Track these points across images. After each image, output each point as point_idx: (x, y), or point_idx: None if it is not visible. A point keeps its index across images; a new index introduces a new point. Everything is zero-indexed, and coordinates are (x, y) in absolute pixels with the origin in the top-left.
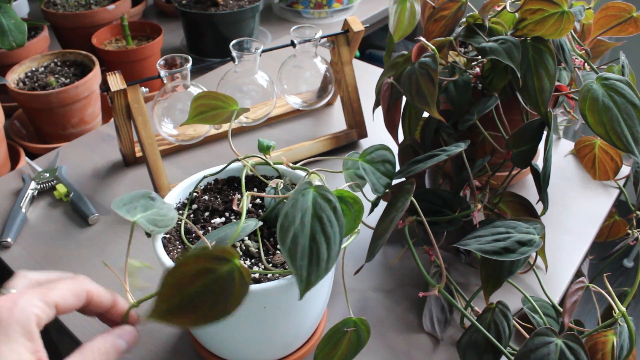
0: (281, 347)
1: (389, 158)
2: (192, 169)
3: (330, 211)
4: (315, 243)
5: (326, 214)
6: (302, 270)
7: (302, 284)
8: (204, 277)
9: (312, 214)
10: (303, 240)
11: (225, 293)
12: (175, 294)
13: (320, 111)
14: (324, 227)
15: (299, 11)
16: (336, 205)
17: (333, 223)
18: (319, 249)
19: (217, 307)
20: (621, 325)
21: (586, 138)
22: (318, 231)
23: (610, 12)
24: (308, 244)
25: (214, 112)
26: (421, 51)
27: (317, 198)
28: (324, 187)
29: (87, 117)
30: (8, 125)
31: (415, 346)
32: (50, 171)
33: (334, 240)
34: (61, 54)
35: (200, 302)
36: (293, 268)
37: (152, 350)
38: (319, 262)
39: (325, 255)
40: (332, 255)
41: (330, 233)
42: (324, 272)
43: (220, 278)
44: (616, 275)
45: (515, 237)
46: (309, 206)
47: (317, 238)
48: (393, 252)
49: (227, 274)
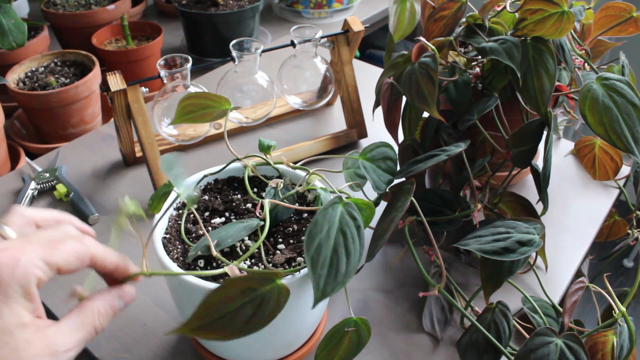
0: (281, 347)
1: (390, 155)
2: (192, 169)
3: (355, 229)
4: (336, 255)
5: (350, 231)
6: (320, 280)
7: (318, 292)
8: (245, 297)
9: (338, 228)
10: (326, 251)
11: (263, 310)
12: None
13: (320, 111)
14: (346, 242)
15: (299, 11)
16: (360, 224)
17: (355, 240)
18: (339, 261)
19: (250, 323)
20: (621, 325)
21: (586, 138)
22: (341, 244)
23: (610, 12)
24: (330, 255)
25: (202, 112)
26: (421, 51)
27: (344, 214)
28: (352, 205)
29: (87, 117)
30: (8, 125)
31: (415, 346)
32: (50, 171)
33: (354, 256)
34: (61, 54)
35: (235, 320)
36: (312, 275)
37: (152, 350)
38: (337, 275)
39: (344, 269)
40: (350, 270)
41: (351, 249)
42: (340, 285)
43: (261, 296)
44: (616, 275)
45: (515, 237)
46: (336, 220)
47: (339, 251)
48: (393, 252)
49: (267, 293)
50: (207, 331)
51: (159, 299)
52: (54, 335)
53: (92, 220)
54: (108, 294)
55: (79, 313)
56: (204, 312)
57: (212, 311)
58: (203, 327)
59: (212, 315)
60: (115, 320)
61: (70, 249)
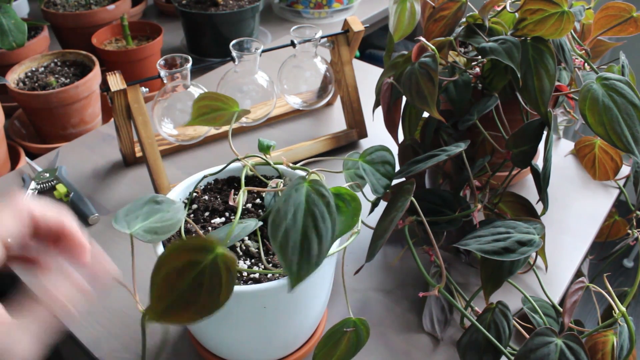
0: (281, 347)
1: (388, 159)
2: (192, 169)
3: (324, 206)
4: (307, 239)
5: (319, 209)
6: (292, 265)
7: (292, 278)
8: (191, 271)
9: (305, 209)
10: (295, 236)
11: (213, 284)
12: (167, 292)
13: (320, 111)
14: (316, 222)
15: (299, 11)
16: (330, 200)
17: (326, 218)
18: (310, 244)
19: (209, 299)
20: (621, 325)
21: (586, 138)
22: (310, 227)
23: (610, 12)
24: (299, 240)
25: (215, 114)
26: (421, 51)
27: (311, 193)
28: (319, 182)
29: (87, 117)
30: (8, 125)
31: (415, 346)
32: (50, 171)
33: (326, 235)
34: (61, 54)
35: (192, 297)
36: (283, 262)
37: (152, 350)
38: (310, 257)
39: (316, 251)
40: (323, 250)
41: (322, 228)
42: (314, 267)
43: (206, 269)
44: (616, 275)
45: (515, 237)
46: (302, 201)
47: (308, 234)
48: (393, 252)
49: (212, 264)
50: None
51: None
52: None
53: (92, 220)
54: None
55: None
56: (159, 292)
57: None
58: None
59: (168, 295)
60: (115, 320)
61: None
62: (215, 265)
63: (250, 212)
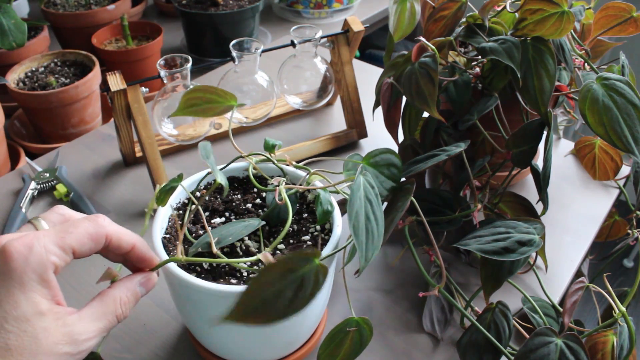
0: (281, 347)
1: (394, 162)
2: (192, 169)
3: (374, 196)
4: (369, 221)
5: (372, 198)
6: (362, 246)
7: (362, 259)
8: (285, 279)
9: (365, 196)
10: (361, 218)
11: (304, 291)
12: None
13: (320, 111)
14: (373, 208)
15: (299, 11)
16: (376, 190)
17: (377, 206)
18: (372, 226)
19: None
20: (621, 325)
21: (586, 138)
22: (370, 211)
23: (610, 12)
24: (364, 222)
25: (206, 106)
26: (421, 51)
27: (366, 184)
28: (368, 175)
29: (87, 117)
30: (8, 125)
31: (415, 346)
32: (50, 171)
33: (380, 220)
34: (61, 54)
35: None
36: (357, 243)
37: (152, 350)
38: (373, 239)
39: (376, 233)
40: (381, 232)
41: (377, 214)
42: (377, 249)
43: (300, 277)
44: (616, 275)
45: (515, 237)
46: (361, 188)
47: (370, 217)
48: (393, 252)
49: (307, 273)
50: (252, 316)
51: (159, 299)
52: (74, 323)
53: None
54: (130, 281)
55: (100, 301)
56: (246, 300)
57: (254, 297)
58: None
59: (253, 301)
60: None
61: (83, 230)
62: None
63: (251, 212)
